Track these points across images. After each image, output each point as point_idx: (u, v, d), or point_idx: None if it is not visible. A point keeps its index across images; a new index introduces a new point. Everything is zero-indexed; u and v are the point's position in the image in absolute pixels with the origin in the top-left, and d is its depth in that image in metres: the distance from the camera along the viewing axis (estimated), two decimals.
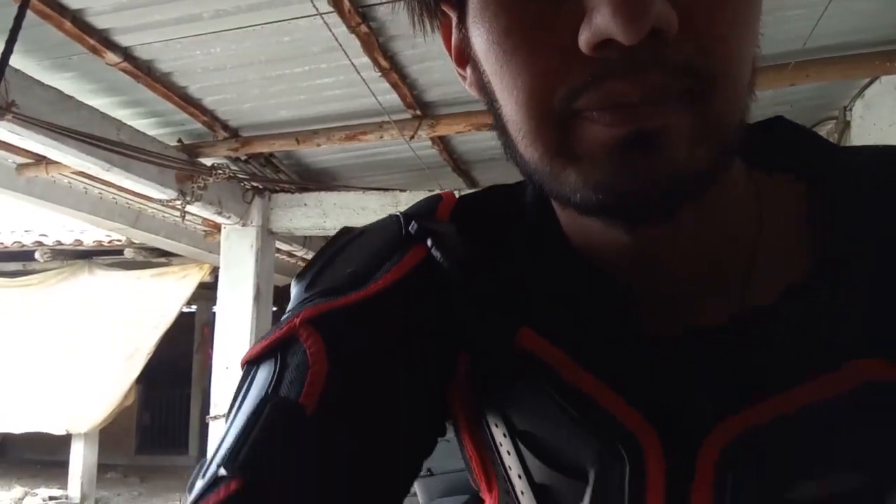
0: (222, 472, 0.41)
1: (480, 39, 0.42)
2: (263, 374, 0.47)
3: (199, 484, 0.43)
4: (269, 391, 0.45)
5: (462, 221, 0.56)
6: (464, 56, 0.47)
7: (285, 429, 0.43)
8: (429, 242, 0.53)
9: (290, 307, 0.52)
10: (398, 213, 0.57)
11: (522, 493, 0.49)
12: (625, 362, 0.46)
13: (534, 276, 0.51)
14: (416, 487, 2.47)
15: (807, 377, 0.42)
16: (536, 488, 0.48)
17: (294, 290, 0.54)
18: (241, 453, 0.42)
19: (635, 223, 0.43)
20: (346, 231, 0.58)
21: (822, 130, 4.45)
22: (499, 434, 0.50)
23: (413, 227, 0.54)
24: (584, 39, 0.36)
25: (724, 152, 0.40)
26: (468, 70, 0.48)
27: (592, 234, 0.48)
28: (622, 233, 0.45)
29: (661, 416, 0.44)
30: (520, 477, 0.49)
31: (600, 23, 0.34)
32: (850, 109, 3.96)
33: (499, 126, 0.46)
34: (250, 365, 0.50)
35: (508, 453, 0.50)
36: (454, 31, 0.48)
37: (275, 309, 5.51)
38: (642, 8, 0.33)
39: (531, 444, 0.48)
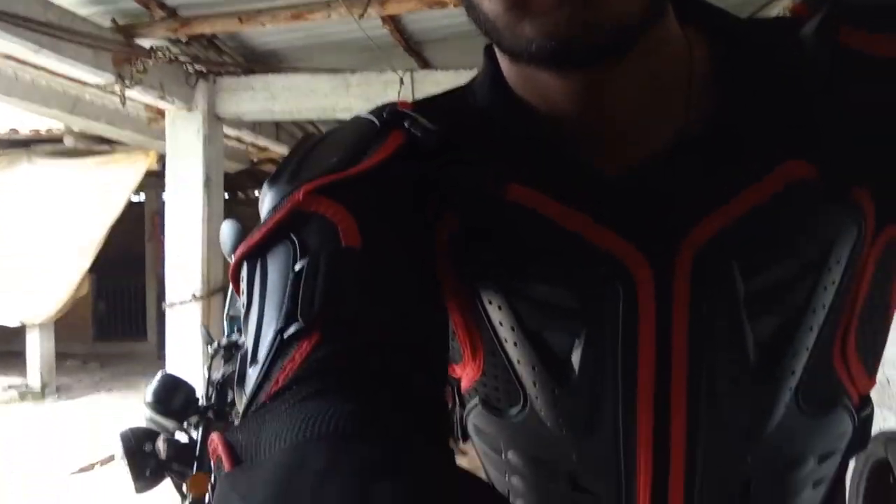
0: (294, 328, 0.46)
1: None
2: (281, 255, 0.51)
3: (256, 368, 0.47)
4: (296, 262, 0.49)
5: (421, 111, 0.60)
6: None
7: (347, 269, 0.49)
8: (406, 124, 0.58)
9: (271, 206, 0.55)
10: (362, 114, 0.61)
11: (516, 343, 0.56)
12: (596, 197, 0.53)
13: (498, 140, 0.58)
14: None
15: (751, 182, 0.51)
16: (530, 336, 0.55)
17: (271, 192, 0.56)
18: (315, 303, 0.47)
19: (583, 65, 0.49)
20: (307, 137, 0.71)
21: None
22: (488, 292, 0.56)
23: (387, 112, 0.60)
24: None
25: (650, 5, 0.48)
26: None
27: (547, 90, 0.54)
28: (575, 80, 0.52)
29: (640, 239, 0.52)
30: (513, 329, 0.56)
31: None
32: None
33: None
34: (253, 259, 0.53)
35: (500, 308, 0.56)
36: None
37: (226, 196, 5.42)
38: None
39: (523, 294, 0.55)
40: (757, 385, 0.53)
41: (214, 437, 0.42)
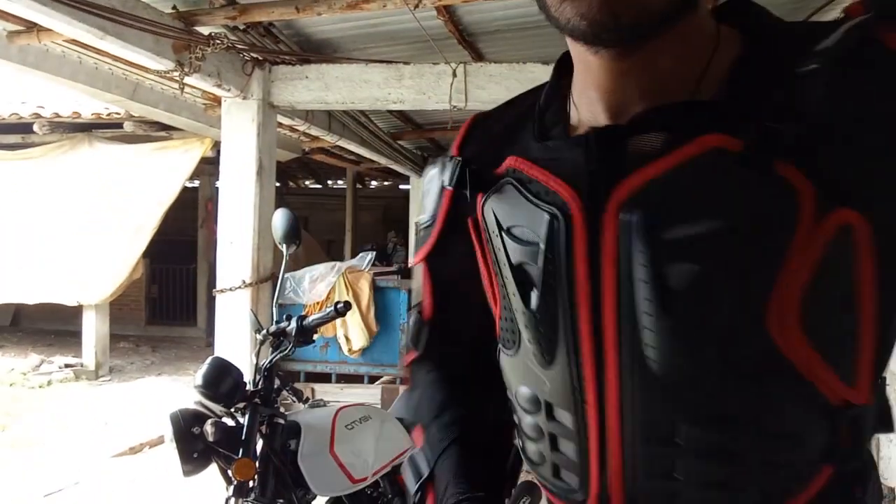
0: (409, 344, 0.91)
1: None
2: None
3: (405, 341, 0.91)
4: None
5: (497, 109, 0.84)
6: None
7: (424, 323, 0.89)
8: (447, 177, 0.78)
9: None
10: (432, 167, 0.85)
11: (506, 276, 0.70)
12: (561, 157, 0.66)
13: (524, 121, 0.75)
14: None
15: (678, 146, 0.59)
16: (512, 266, 0.68)
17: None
18: (413, 339, 0.89)
19: (608, 45, 0.59)
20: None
21: None
22: (496, 238, 0.70)
23: (444, 172, 0.80)
24: None
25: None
26: None
27: (590, 65, 0.64)
28: (607, 58, 0.61)
29: (583, 188, 0.63)
30: (506, 264, 0.69)
31: None
32: None
33: None
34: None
35: (500, 249, 0.70)
36: None
37: (278, 184, 5.46)
38: None
39: (509, 232, 0.68)
40: (675, 327, 0.59)
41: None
